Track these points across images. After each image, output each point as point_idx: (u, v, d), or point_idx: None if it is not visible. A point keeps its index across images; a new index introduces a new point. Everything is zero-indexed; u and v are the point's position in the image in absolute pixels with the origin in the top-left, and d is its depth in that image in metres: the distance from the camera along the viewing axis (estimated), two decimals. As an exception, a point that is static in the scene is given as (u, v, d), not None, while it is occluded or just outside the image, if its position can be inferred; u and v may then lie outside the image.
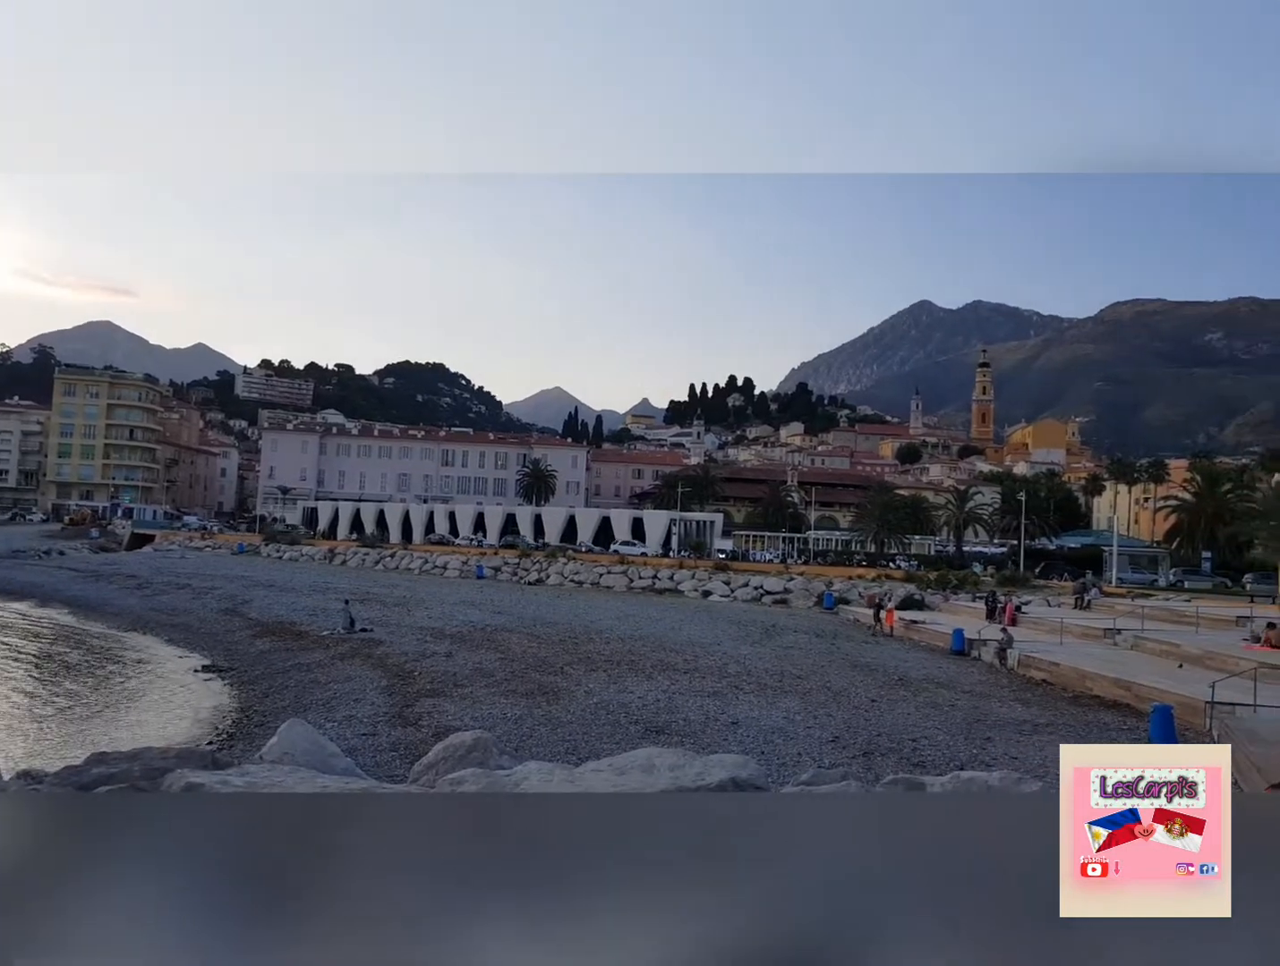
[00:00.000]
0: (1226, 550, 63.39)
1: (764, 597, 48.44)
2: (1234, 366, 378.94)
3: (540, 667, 21.50)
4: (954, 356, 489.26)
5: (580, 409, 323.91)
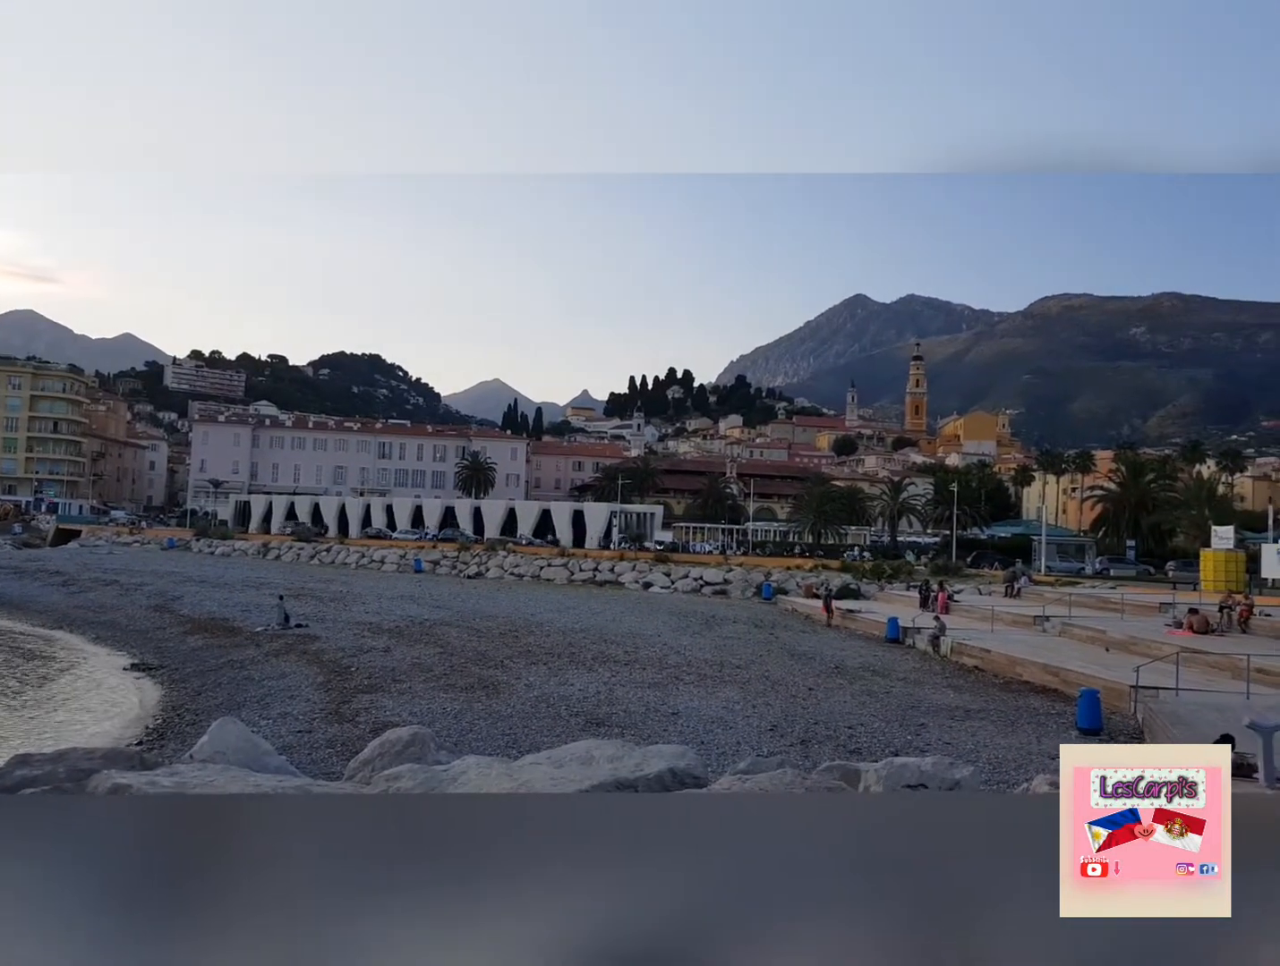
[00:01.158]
0: (1150, 538, 65.69)
1: (704, 589, 48.78)
2: (1157, 360, 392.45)
3: (480, 661, 21.33)
4: (888, 350, 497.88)
5: (520, 401, 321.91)
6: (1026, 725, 15.99)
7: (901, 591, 41.78)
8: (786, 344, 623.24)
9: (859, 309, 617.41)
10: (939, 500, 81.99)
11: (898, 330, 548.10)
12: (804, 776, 4.13)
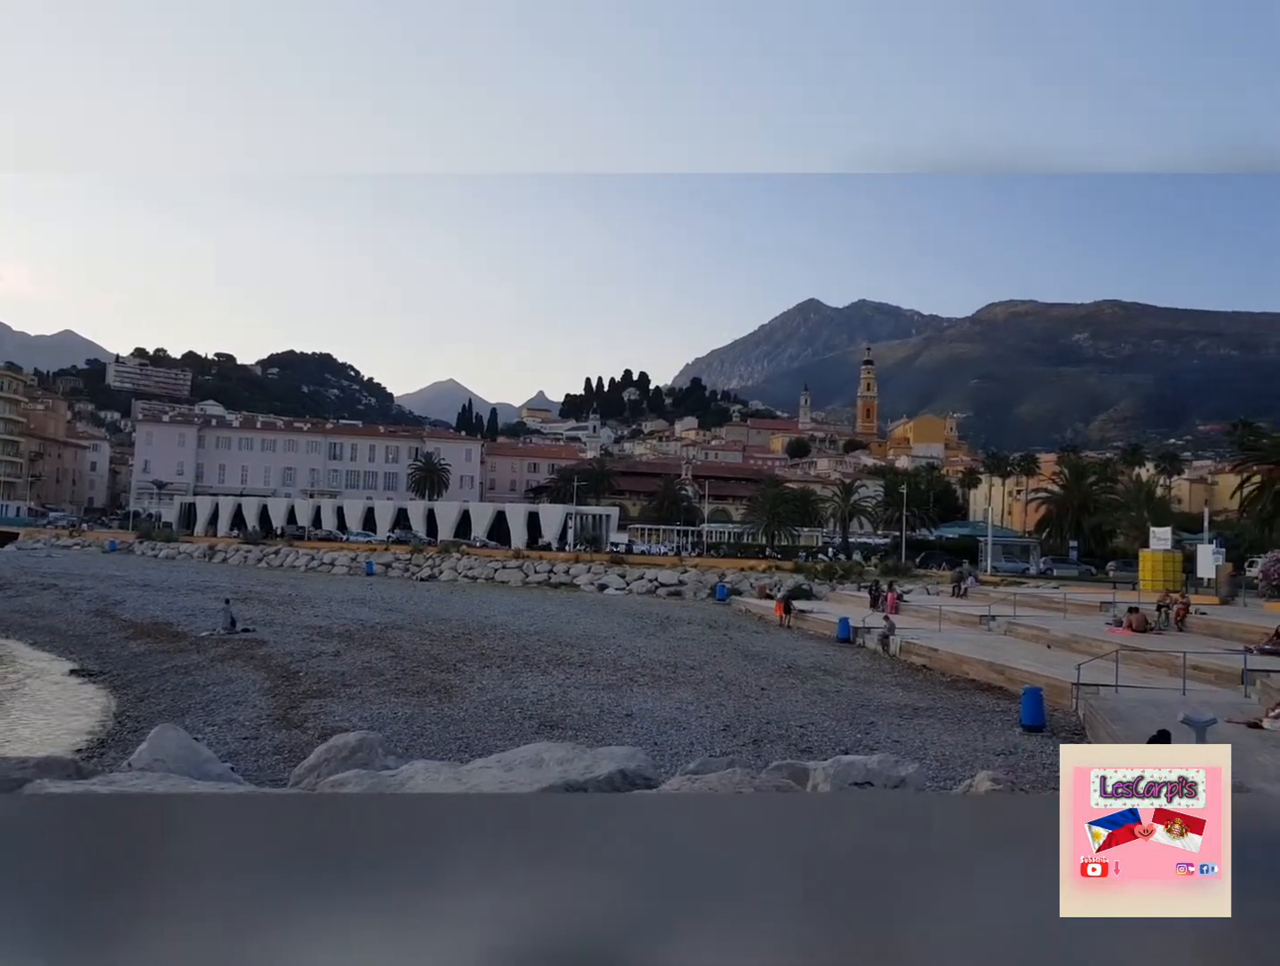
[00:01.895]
0: (1092, 539, 67.28)
1: (659, 590, 48.89)
2: (1099, 365, 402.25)
3: (432, 665, 21.17)
4: (840, 353, 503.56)
5: (475, 402, 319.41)
6: (972, 722, 16.31)
7: (853, 591, 42.30)
8: (741, 347, 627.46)
9: (812, 313, 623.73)
10: (889, 502, 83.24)
11: (849, 335, 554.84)
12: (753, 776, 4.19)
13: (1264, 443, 50.00)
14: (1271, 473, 42.62)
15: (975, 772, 7.67)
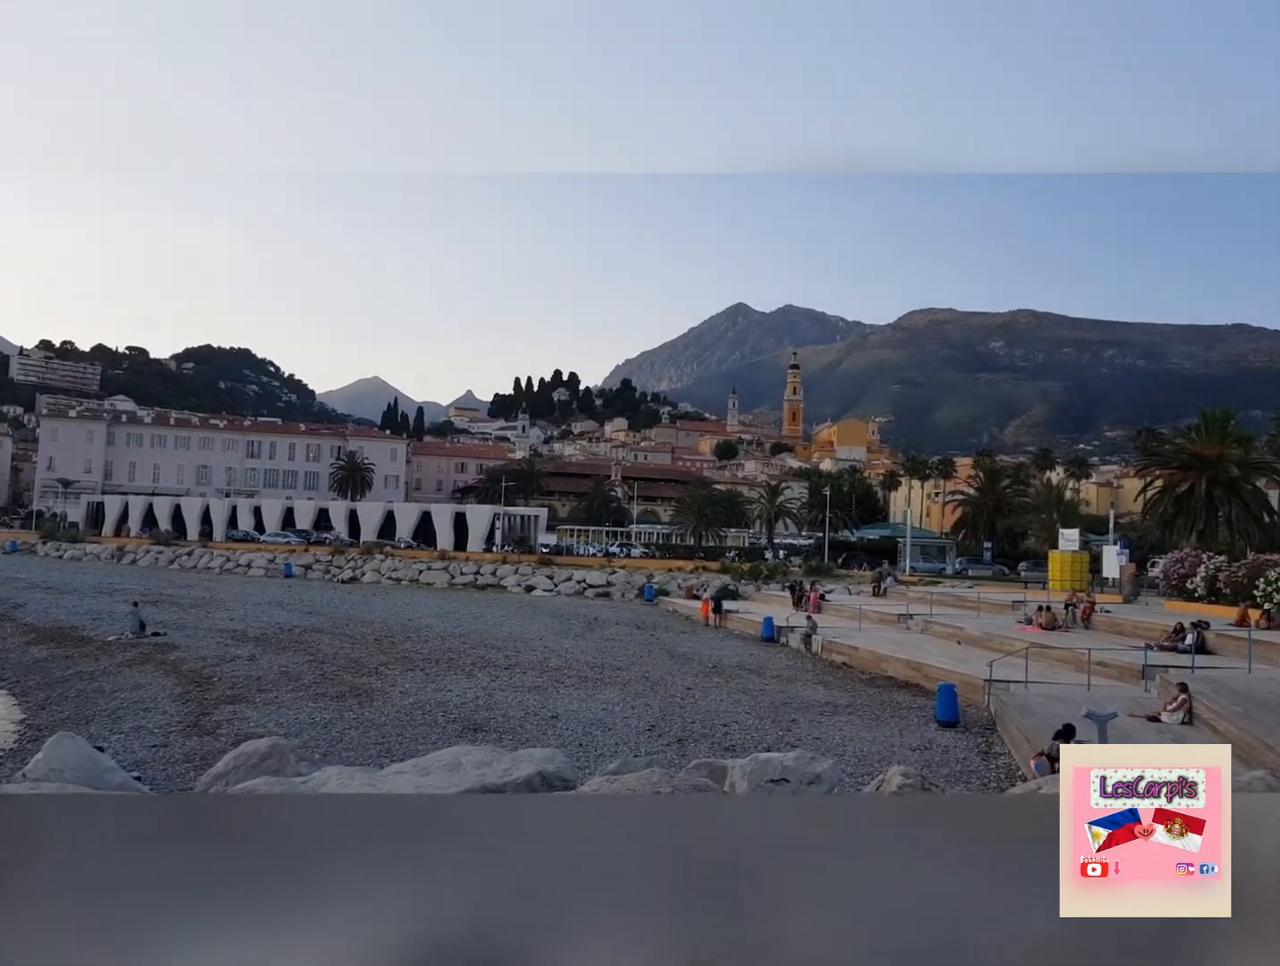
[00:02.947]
0: (1005, 540, 69.48)
1: (587, 591, 48.87)
2: (1013, 373, 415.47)
3: (353, 668, 20.79)
4: (767, 357, 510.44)
5: (400, 400, 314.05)
6: (890, 719, 16.72)
7: (778, 591, 42.91)
8: (671, 349, 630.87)
9: (740, 317, 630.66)
10: (813, 503, 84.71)
11: (777, 339, 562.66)
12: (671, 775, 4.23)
13: (1166, 448, 52.27)
14: (1172, 477, 44.54)
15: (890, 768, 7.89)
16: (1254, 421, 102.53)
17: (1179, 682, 14.86)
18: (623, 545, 76.68)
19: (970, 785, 12.04)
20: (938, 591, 38.93)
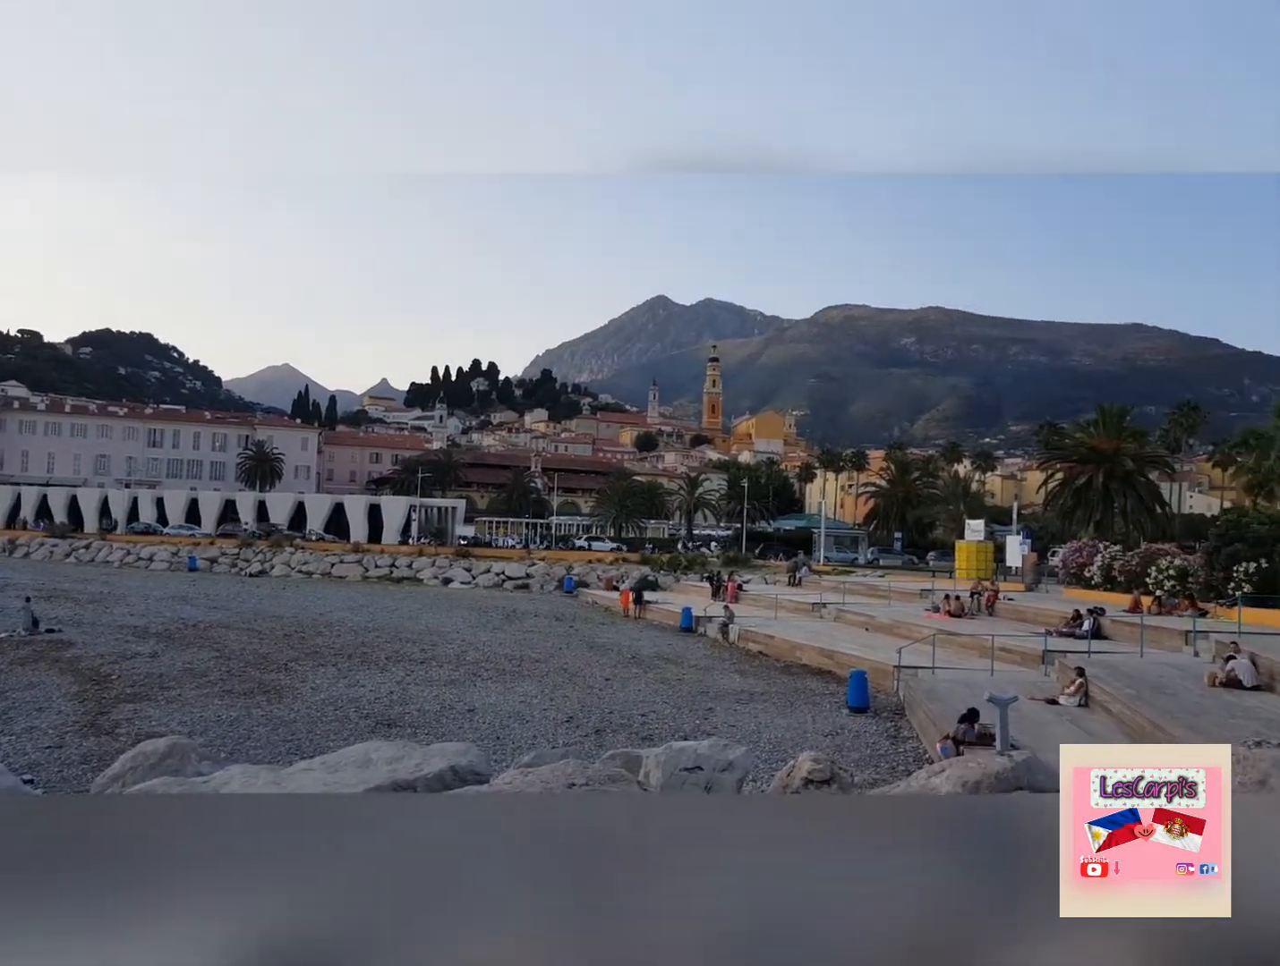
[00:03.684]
0: (914, 530, 71.53)
1: (506, 583, 48.53)
2: (924, 368, 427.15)
3: (261, 664, 20.22)
4: (687, 350, 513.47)
5: (312, 388, 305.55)
6: (803, 705, 17.07)
7: (696, 582, 43.32)
8: (592, 341, 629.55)
9: (660, 310, 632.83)
10: (732, 495, 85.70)
11: (696, 331, 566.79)
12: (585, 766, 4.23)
13: (1066, 443, 54.44)
14: (1071, 470, 46.42)
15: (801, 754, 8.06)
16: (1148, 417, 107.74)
17: (1076, 667, 15.54)
18: (543, 536, 76.27)
19: (879, 769, 12.37)
20: (850, 581, 39.83)
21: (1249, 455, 49.53)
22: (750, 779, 10.46)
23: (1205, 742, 9.18)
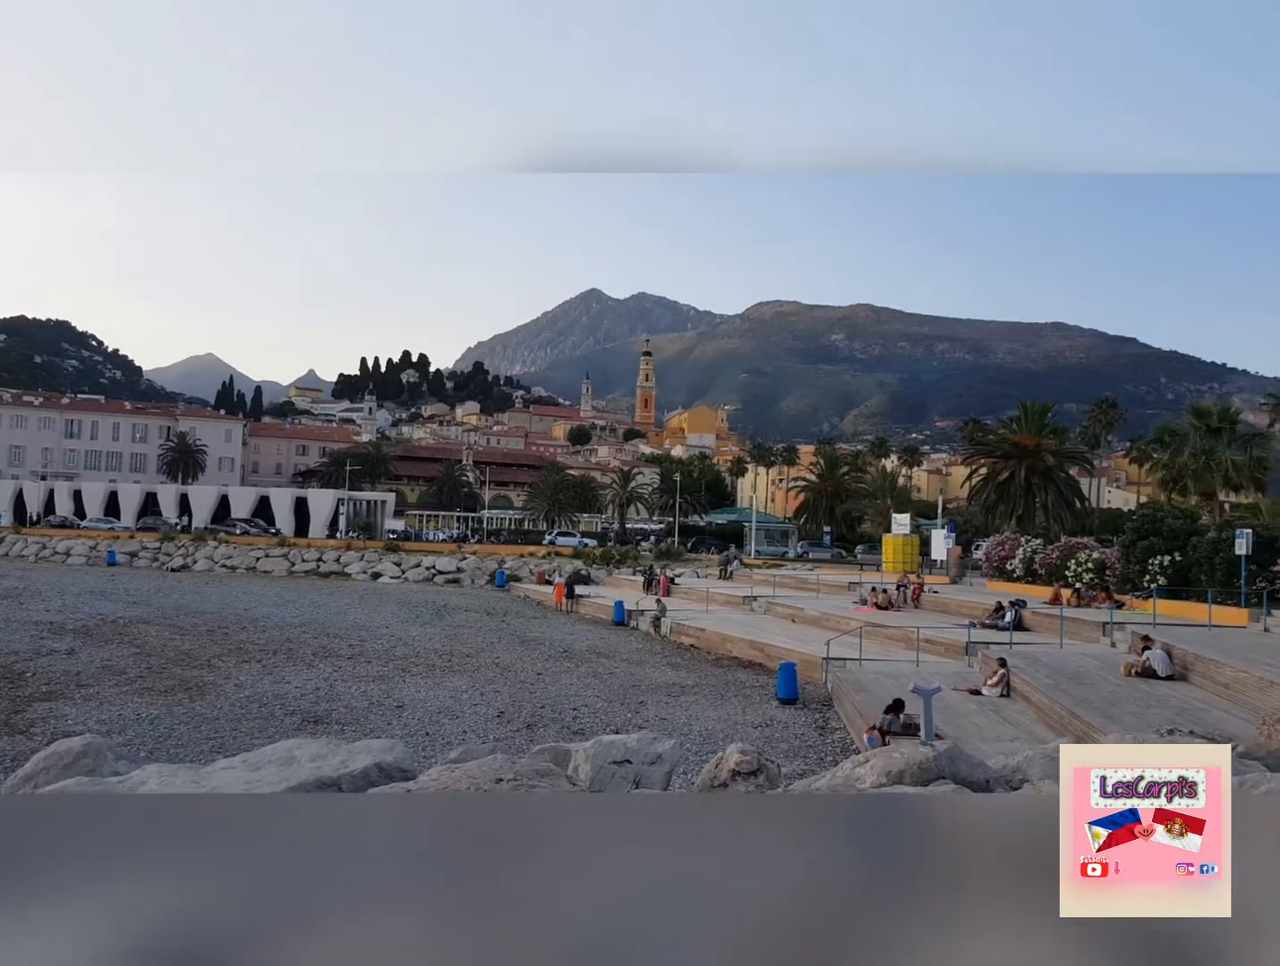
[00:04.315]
0: (843, 524, 72.77)
1: (436, 577, 47.99)
2: (853, 365, 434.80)
3: (183, 661, 19.68)
4: (620, 344, 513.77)
5: (236, 378, 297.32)
6: (734, 697, 17.28)
7: (629, 576, 43.43)
8: (525, 333, 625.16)
9: (594, 303, 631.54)
10: (664, 489, 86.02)
11: (630, 326, 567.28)
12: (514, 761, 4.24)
13: (990, 439, 55.94)
14: (994, 465, 47.74)
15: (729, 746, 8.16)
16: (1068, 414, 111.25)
17: (998, 658, 16.03)
18: (474, 530, 75.54)
19: (808, 760, 12.61)
20: (781, 574, 40.39)
21: (1164, 452, 51.47)
22: (680, 771, 10.58)
23: (1120, 731, 9.59)
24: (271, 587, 40.24)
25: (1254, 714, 10.86)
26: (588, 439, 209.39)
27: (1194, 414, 48.54)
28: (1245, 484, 46.40)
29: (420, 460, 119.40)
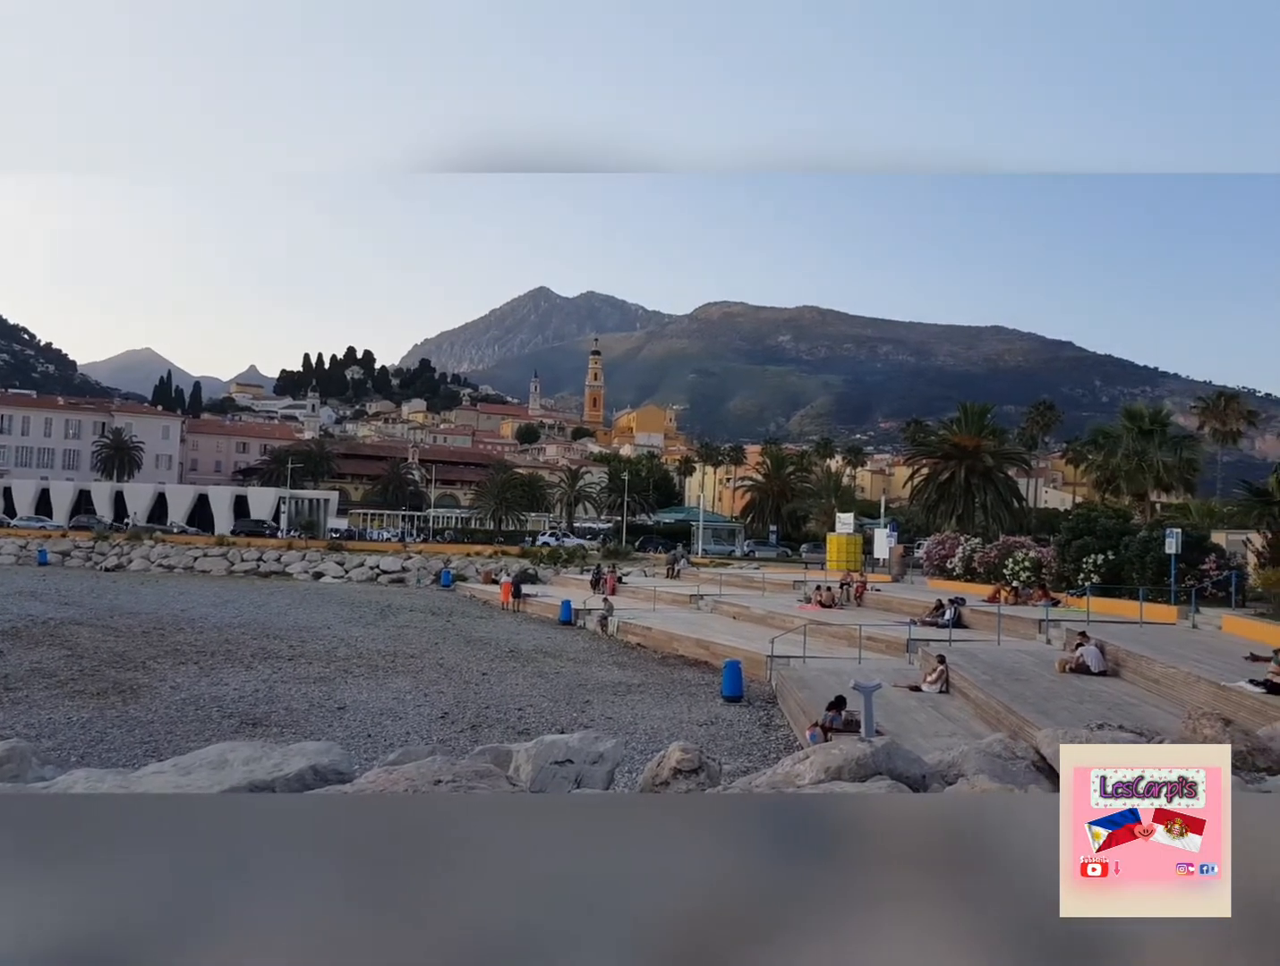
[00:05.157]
0: (788, 523, 73.45)
1: (380, 577, 47.38)
2: (799, 365, 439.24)
3: (117, 663, 19.16)
4: (569, 342, 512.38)
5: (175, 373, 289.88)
6: (680, 696, 17.36)
7: (577, 575, 43.35)
8: (472, 331, 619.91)
9: (543, 301, 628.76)
10: (613, 488, 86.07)
11: (578, 324, 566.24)
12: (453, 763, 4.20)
13: (931, 439, 56.98)
14: (935, 466, 48.59)
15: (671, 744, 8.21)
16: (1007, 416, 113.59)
17: (938, 655, 16.35)
18: (420, 529, 74.71)
19: (751, 757, 12.71)
20: (727, 572, 40.66)
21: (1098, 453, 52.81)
22: (625, 770, 10.60)
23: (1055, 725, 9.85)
24: (210, 588, 39.37)
25: (1181, 708, 11.22)
26: (536, 437, 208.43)
27: (1127, 416, 49.92)
28: (1175, 484, 47.90)
29: (365, 458, 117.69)
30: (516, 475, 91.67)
